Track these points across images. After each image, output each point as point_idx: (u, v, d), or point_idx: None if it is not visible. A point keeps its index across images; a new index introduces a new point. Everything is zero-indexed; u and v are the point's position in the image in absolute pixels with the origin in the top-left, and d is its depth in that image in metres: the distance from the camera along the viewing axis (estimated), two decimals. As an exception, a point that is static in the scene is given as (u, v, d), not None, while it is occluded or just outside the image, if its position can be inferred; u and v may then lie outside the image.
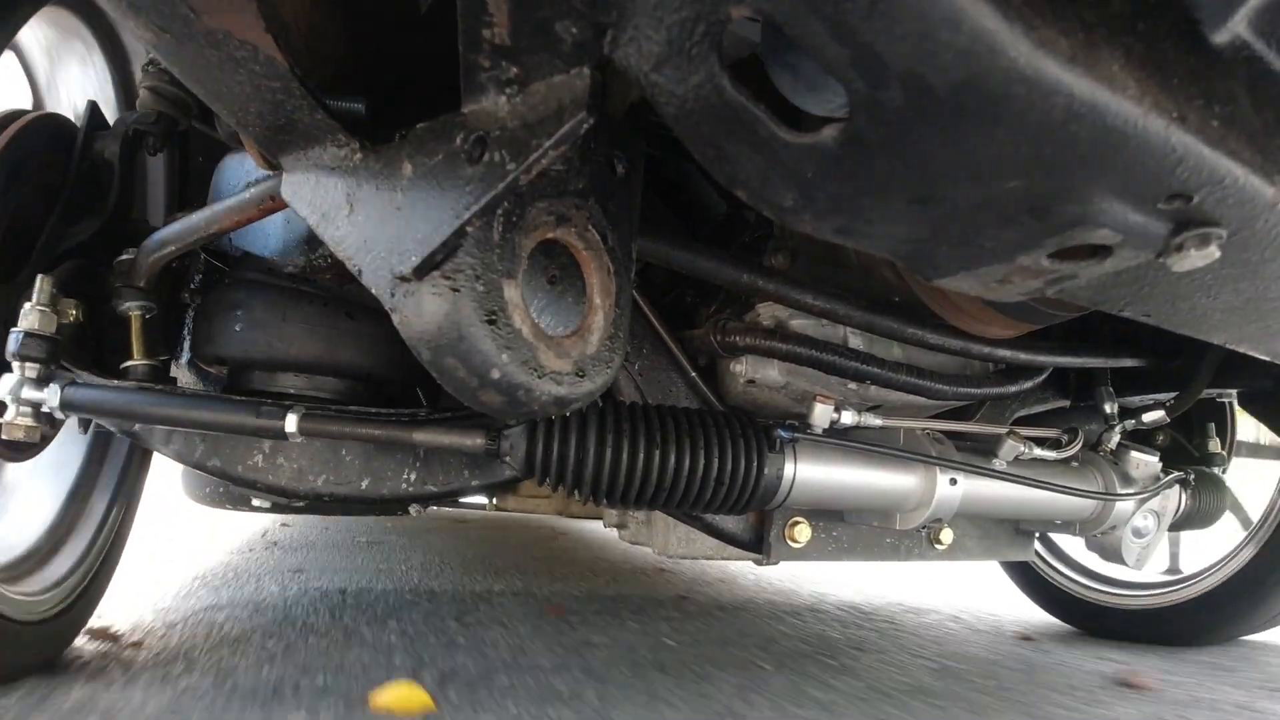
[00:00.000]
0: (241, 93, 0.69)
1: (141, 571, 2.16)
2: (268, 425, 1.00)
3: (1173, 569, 2.10)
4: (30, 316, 1.01)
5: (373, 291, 0.71)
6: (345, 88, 0.80)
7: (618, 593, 2.33)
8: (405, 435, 1.03)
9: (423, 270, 0.66)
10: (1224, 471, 1.82)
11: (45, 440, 1.17)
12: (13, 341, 1.00)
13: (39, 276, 1.03)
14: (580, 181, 0.74)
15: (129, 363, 1.10)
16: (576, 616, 1.91)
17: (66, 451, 1.44)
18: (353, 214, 0.72)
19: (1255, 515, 1.89)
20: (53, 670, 1.24)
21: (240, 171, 1.19)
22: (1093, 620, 2.13)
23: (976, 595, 2.66)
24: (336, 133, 0.73)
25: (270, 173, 0.91)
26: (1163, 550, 2.12)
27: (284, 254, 1.16)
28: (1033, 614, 2.29)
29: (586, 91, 0.59)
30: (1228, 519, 1.85)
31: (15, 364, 1.01)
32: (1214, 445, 1.86)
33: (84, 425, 1.17)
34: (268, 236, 1.17)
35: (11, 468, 1.36)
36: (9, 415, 1.02)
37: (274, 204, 0.94)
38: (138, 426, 1.09)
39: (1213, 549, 1.96)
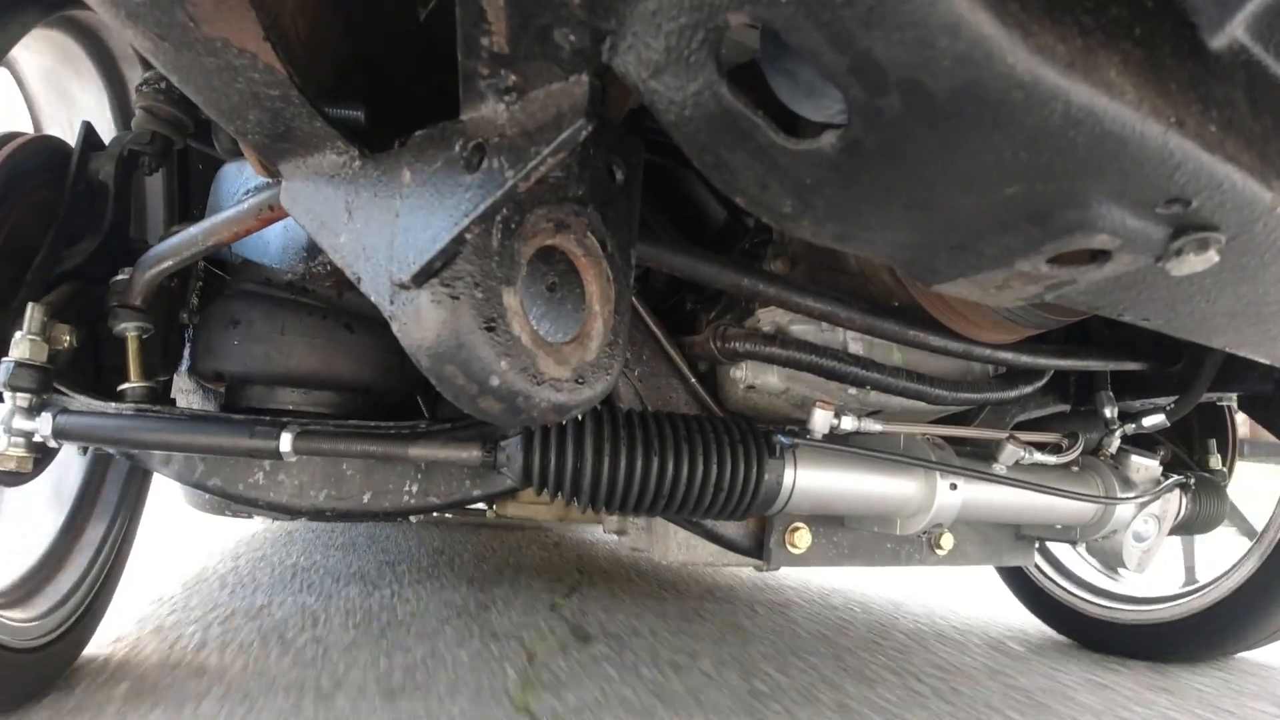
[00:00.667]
0: (240, 101, 0.69)
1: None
2: (262, 446, 0.99)
3: (1190, 580, 2.09)
4: (21, 346, 1.01)
5: (372, 299, 0.70)
6: (344, 95, 0.80)
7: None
8: (401, 450, 1.03)
9: (422, 278, 0.66)
10: (1225, 484, 1.82)
11: (42, 464, 1.16)
12: (3, 371, 1.00)
13: (30, 305, 1.02)
14: (579, 188, 0.74)
15: (125, 385, 1.10)
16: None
17: (66, 471, 1.44)
18: (351, 221, 0.72)
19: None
20: (48, 697, 1.23)
21: (239, 181, 1.19)
22: (1090, 634, 2.12)
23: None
24: (335, 140, 0.73)
25: (269, 181, 0.91)
26: (1178, 562, 2.12)
27: (283, 262, 1.15)
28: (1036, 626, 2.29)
29: (585, 98, 0.59)
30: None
31: (6, 394, 1.01)
32: (1215, 461, 1.85)
33: (83, 447, 1.16)
34: (267, 244, 1.17)
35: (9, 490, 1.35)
36: (0, 446, 1.01)
37: (273, 213, 0.94)
38: (138, 450, 1.09)
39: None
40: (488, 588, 2.22)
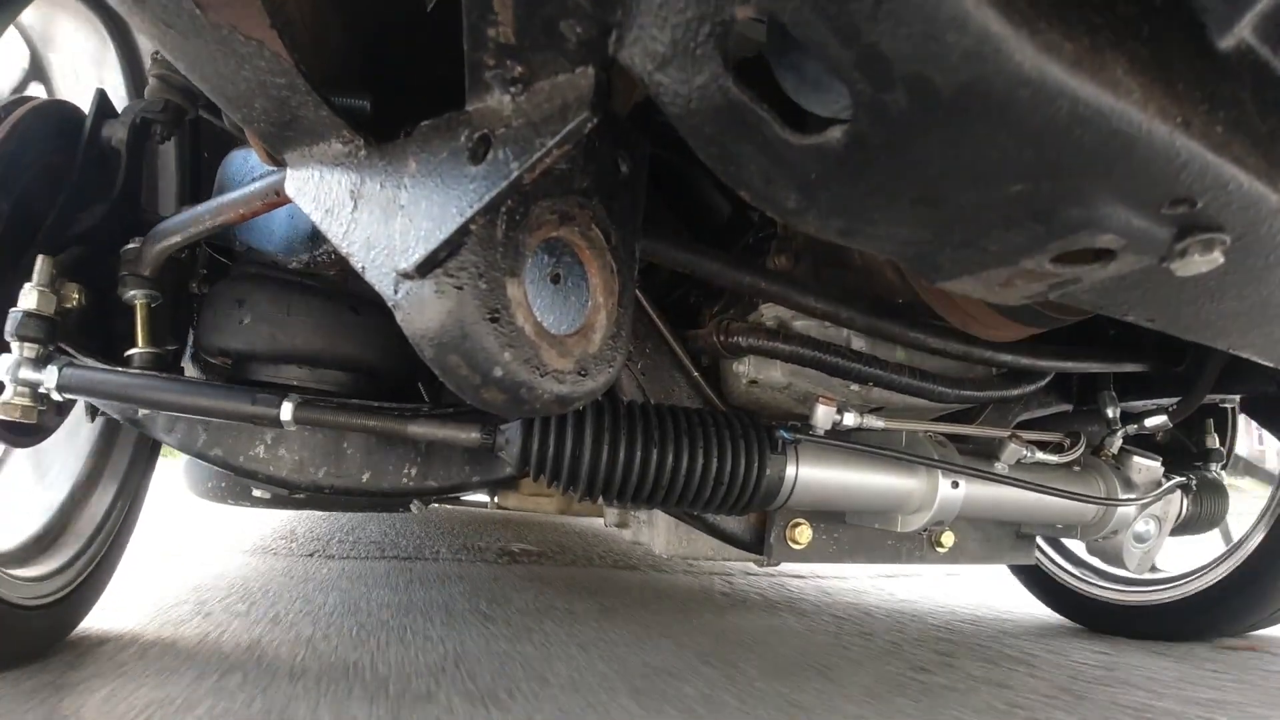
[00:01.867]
0: (246, 88, 0.69)
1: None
2: (263, 413, 1.00)
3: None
4: (30, 296, 1.02)
5: (376, 288, 0.71)
6: (350, 84, 0.80)
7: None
8: (401, 428, 1.03)
9: (426, 267, 0.66)
10: (1224, 467, 1.82)
11: (50, 426, 1.17)
12: (11, 321, 1.01)
13: (40, 257, 1.03)
14: (584, 180, 0.74)
15: (132, 351, 1.10)
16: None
17: (75, 438, 1.45)
18: (356, 210, 0.73)
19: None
20: (51, 657, 1.25)
21: (246, 166, 1.19)
22: (1092, 615, 2.12)
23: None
24: (341, 129, 0.73)
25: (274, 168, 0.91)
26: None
27: (288, 249, 1.16)
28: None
29: (591, 90, 0.59)
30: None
31: (14, 343, 1.01)
32: (1212, 441, 1.85)
33: (91, 413, 1.17)
34: (272, 232, 1.17)
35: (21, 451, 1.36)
36: (6, 395, 1.02)
37: (279, 199, 0.94)
38: (140, 413, 1.10)
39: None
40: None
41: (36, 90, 1.36)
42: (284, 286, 1.15)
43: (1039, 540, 2.03)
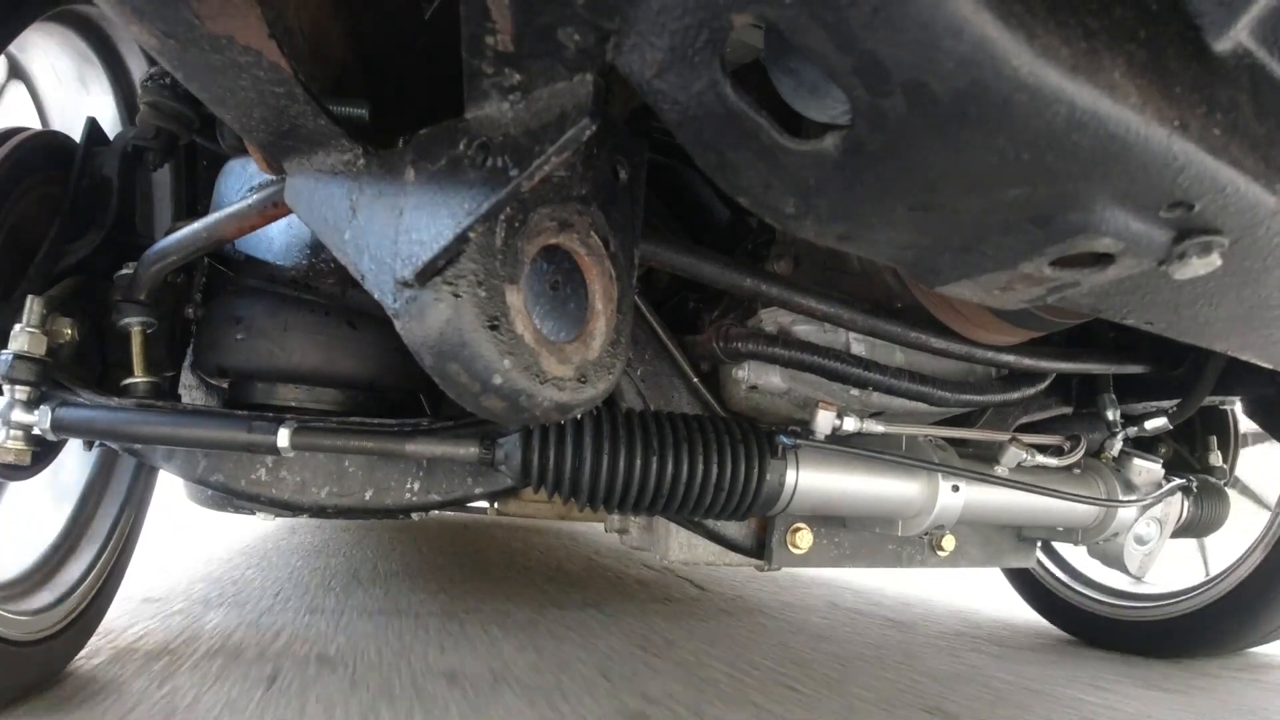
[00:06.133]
0: (245, 98, 0.69)
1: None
2: (260, 440, 1.00)
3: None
4: (20, 338, 1.01)
5: (375, 297, 0.71)
6: (349, 93, 0.80)
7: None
8: (398, 447, 1.03)
9: (425, 276, 0.66)
10: (1227, 484, 1.82)
11: (49, 457, 1.16)
12: (2, 364, 1.00)
13: (29, 297, 1.02)
14: (583, 187, 0.74)
15: (129, 380, 1.10)
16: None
17: (74, 464, 1.44)
18: (356, 219, 0.73)
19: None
20: (51, 689, 1.23)
21: (243, 177, 1.19)
22: (1093, 630, 2.11)
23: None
24: (340, 138, 0.73)
25: (273, 178, 0.91)
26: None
27: (287, 258, 1.15)
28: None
29: (589, 98, 0.59)
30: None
31: (5, 386, 1.01)
32: (1215, 458, 1.85)
33: (88, 443, 1.17)
34: (271, 241, 1.17)
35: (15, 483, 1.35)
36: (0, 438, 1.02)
37: (277, 210, 0.94)
38: (137, 444, 1.09)
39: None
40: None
41: (17, 91, 1.35)
42: (282, 302, 1.15)
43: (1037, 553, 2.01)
